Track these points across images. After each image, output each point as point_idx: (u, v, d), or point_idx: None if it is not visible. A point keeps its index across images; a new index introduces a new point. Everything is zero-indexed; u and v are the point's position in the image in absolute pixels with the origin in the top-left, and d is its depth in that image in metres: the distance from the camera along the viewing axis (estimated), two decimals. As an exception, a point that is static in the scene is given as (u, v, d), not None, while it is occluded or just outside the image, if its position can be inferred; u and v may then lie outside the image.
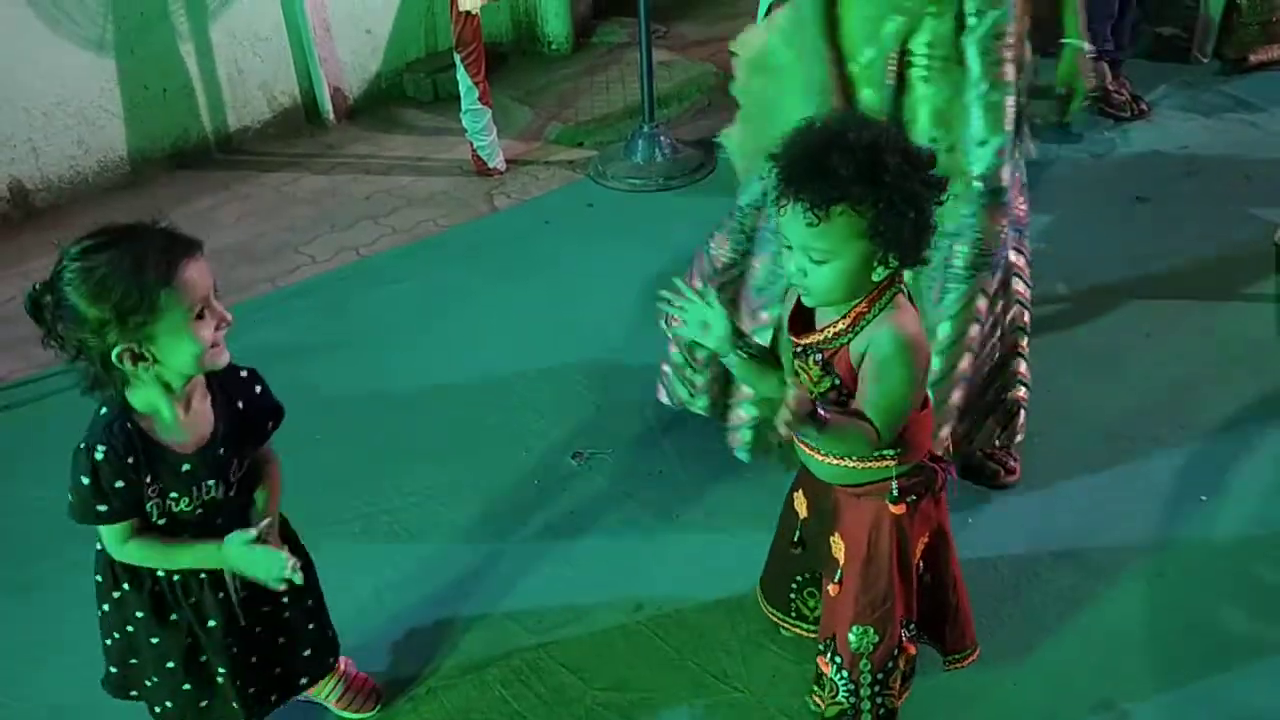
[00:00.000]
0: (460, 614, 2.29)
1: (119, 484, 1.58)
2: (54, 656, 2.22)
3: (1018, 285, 2.34)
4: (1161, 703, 2.05)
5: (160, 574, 1.70)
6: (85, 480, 1.57)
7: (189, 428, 1.63)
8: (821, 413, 1.51)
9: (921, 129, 2.13)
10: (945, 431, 2.25)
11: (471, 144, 4.02)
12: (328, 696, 2.06)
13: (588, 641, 2.22)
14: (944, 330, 2.20)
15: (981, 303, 2.20)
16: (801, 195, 1.50)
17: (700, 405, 2.52)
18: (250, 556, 1.64)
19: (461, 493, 2.59)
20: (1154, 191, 3.68)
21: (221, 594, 1.73)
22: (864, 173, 1.47)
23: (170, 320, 1.50)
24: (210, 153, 4.28)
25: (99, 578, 1.75)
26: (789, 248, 1.57)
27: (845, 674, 1.85)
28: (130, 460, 1.57)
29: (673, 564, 2.38)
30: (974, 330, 2.20)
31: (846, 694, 1.87)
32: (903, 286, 1.62)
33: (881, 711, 1.88)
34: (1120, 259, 3.35)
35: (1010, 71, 2.12)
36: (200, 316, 1.53)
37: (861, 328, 1.59)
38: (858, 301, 1.59)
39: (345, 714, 2.07)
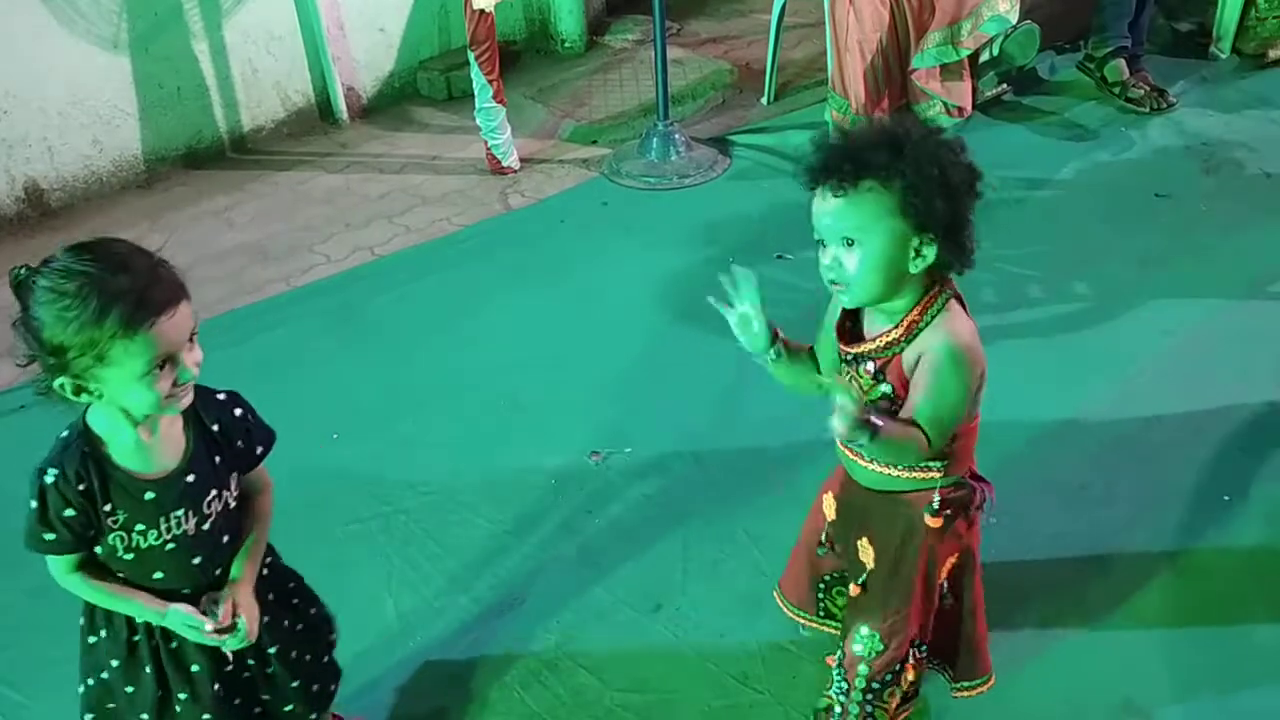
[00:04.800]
0: (477, 614, 2.29)
1: (68, 512, 1.48)
2: (65, 656, 2.22)
3: None
4: (1182, 706, 2.02)
5: (139, 620, 1.61)
6: (34, 504, 1.48)
7: (153, 453, 1.52)
8: (875, 420, 1.46)
9: None
10: None
11: (485, 143, 4.02)
12: None
13: (606, 642, 2.21)
14: None
15: None
16: (828, 173, 1.50)
17: None
18: (197, 636, 1.56)
19: (479, 492, 2.58)
20: (1173, 188, 3.66)
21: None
22: (887, 143, 1.48)
23: (121, 371, 1.39)
24: (224, 152, 4.29)
25: (81, 620, 1.66)
26: (822, 243, 1.56)
27: (842, 672, 1.84)
28: (81, 487, 1.47)
29: (691, 564, 2.37)
30: None
31: (837, 691, 1.85)
32: (956, 292, 1.60)
33: None
34: (1139, 256, 3.32)
35: None
36: (162, 367, 1.41)
37: (915, 335, 1.56)
38: (911, 309, 1.56)
39: None
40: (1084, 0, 4.27)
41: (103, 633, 1.63)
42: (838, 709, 1.88)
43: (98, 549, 1.55)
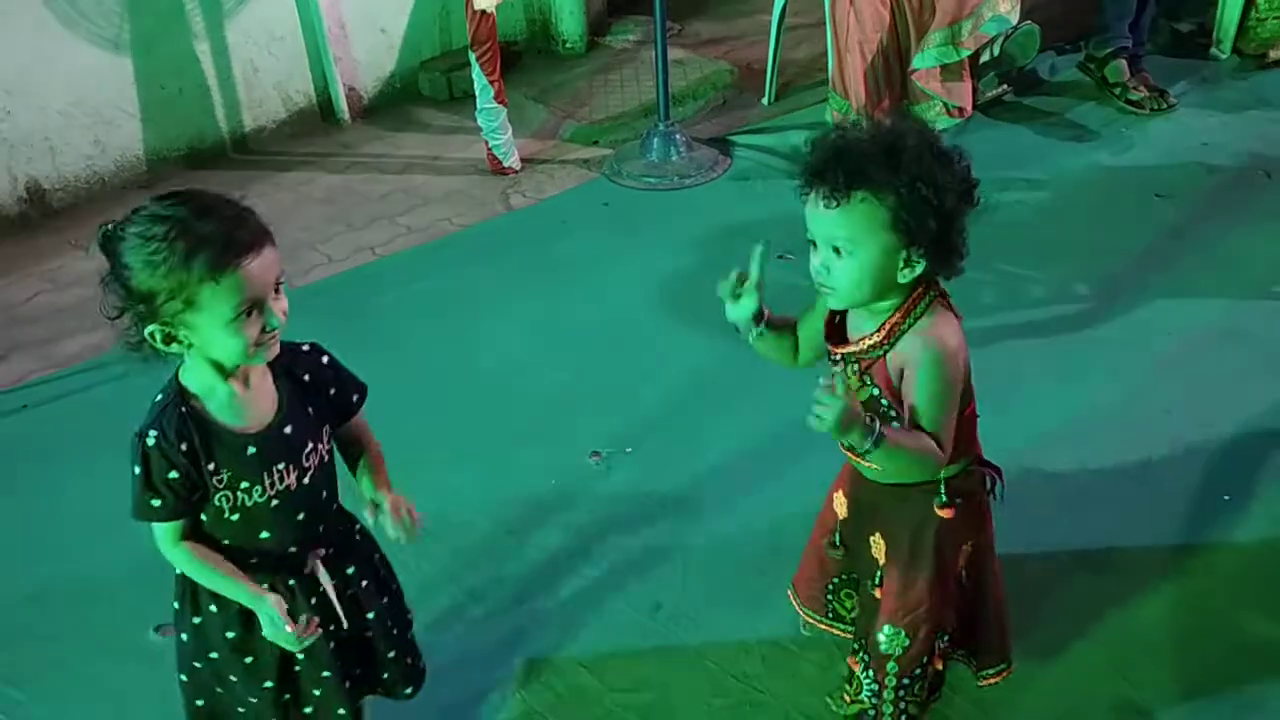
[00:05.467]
0: (478, 613, 2.29)
1: (173, 475, 1.46)
2: (72, 656, 2.23)
3: None
4: (1184, 705, 2.03)
5: (237, 600, 1.59)
6: (137, 470, 1.47)
7: (249, 407, 1.52)
8: (879, 427, 1.47)
9: None
10: None
11: (487, 143, 4.02)
12: None
13: (606, 641, 2.21)
14: None
15: None
16: (822, 179, 1.49)
17: None
18: (275, 634, 1.55)
19: (479, 492, 2.58)
20: (1173, 189, 3.66)
21: (315, 599, 1.64)
22: (882, 155, 1.47)
23: (210, 315, 1.39)
24: (226, 152, 4.29)
25: (176, 604, 1.65)
26: (813, 244, 1.56)
27: (871, 674, 1.84)
28: (184, 447, 1.46)
29: (691, 564, 2.37)
30: None
31: (870, 694, 1.86)
32: (942, 293, 1.60)
33: (903, 718, 1.86)
34: (1140, 256, 3.32)
35: None
36: (249, 314, 1.41)
37: (895, 340, 1.57)
38: (891, 313, 1.57)
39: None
40: (1085, 1, 4.28)
41: (212, 608, 1.61)
42: (871, 711, 1.88)
43: (203, 515, 1.54)
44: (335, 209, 3.91)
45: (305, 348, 1.63)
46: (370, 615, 1.74)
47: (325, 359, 1.64)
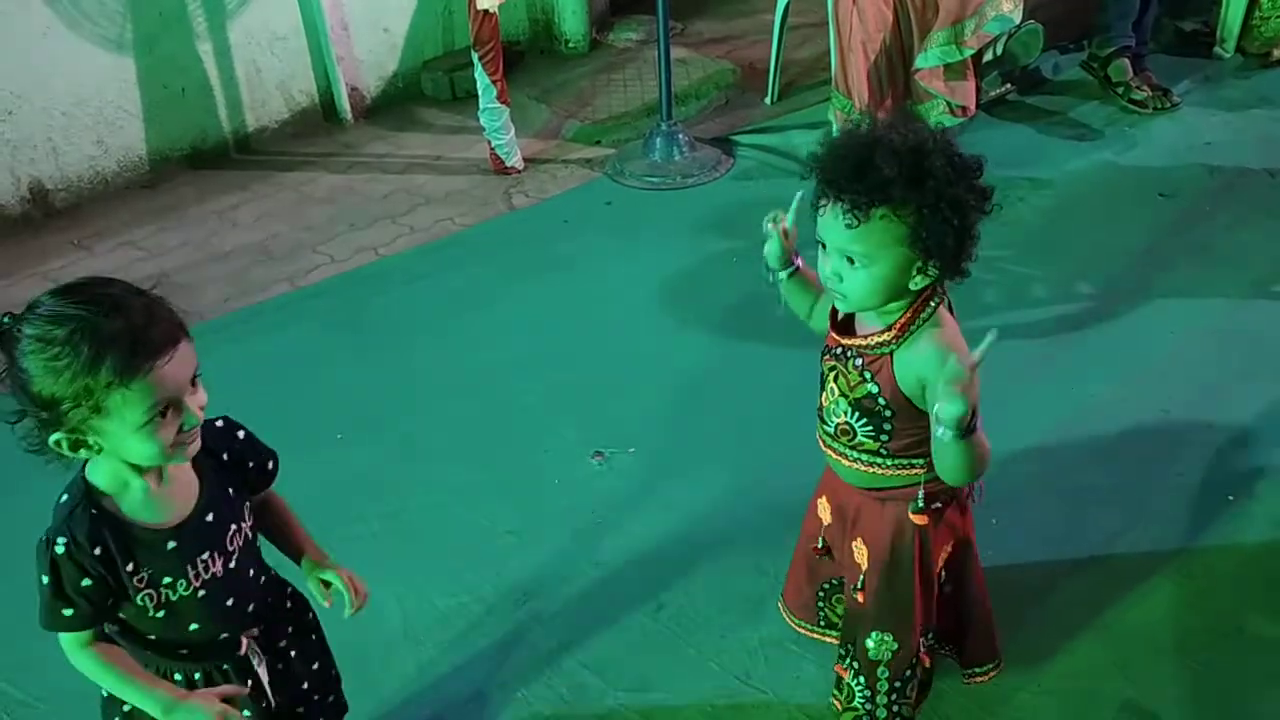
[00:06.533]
0: (479, 613, 2.29)
1: (85, 582, 1.36)
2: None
3: None
4: (1187, 707, 2.02)
5: (179, 676, 1.52)
6: (45, 579, 1.36)
7: (167, 500, 1.41)
8: (977, 419, 1.45)
9: None
10: None
11: (489, 143, 4.02)
12: None
13: (609, 641, 2.21)
14: None
15: None
16: (842, 196, 1.47)
17: None
18: None
19: (481, 493, 2.58)
20: (1177, 188, 3.65)
21: (251, 680, 1.57)
22: (907, 175, 1.44)
23: (120, 422, 1.29)
24: (228, 152, 4.29)
25: (104, 692, 1.54)
26: (824, 248, 1.56)
27: (862, 680, 1.84)
28: (98, 551, 1.35)
29: (695, 564, 2.37)
30: None
31: (863, 700, 1.86)
32: (944, 297, 1.61)
33: None
34: (1143, 256, 3.32)
35: None
36: (164, 414, 1.31)
37: (906, 339, 1.57)
38: (901, 312, 1.57)
39: None
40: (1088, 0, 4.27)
41: (125, 708, 1.53)
42: (864, 717, 1.88)
43: (121, 614, 1.44)
44: (337, 209, 3.91)
45: (219, 423, 1.52)
46: (304, 686, 1.69)
47: (241, 433, 1.54)
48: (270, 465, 1.58)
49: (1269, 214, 3.47)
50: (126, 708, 1.53)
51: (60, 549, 1.35)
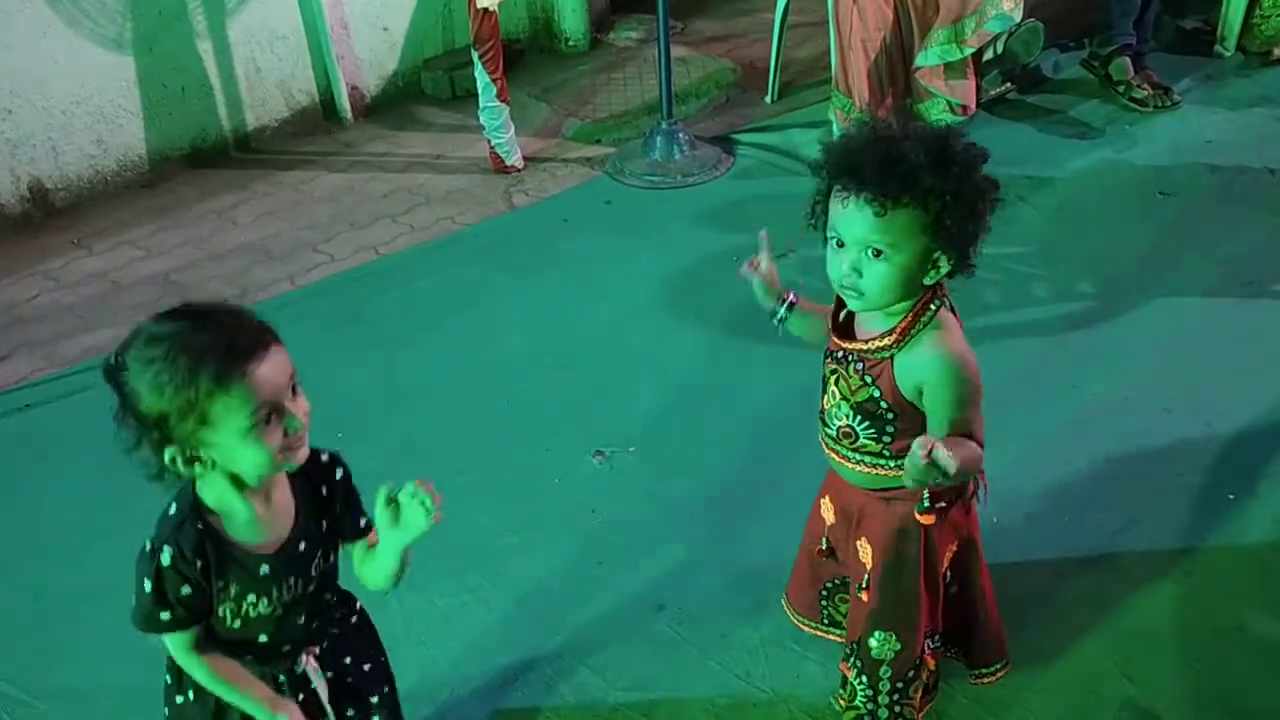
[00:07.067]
0: (480, 612, 2.29)
1: (185, 590, 1.43)
2: (73, 656, 2.24)
3: None
4: (1189, 705, 2.02)
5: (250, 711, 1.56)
6: (148, 585, 1.42)
7: (268, 525, 1.48)
8: (948, 460, 1.43)
9: None
10: None
11: (489, 141, 4.02)
12: None
13: (610, 641, 2.21)
14: None
15: None
16: (869, 185, 1.48)
17: None
18: None
19: (482, 491, 2.58)
20: (1177, 186, 3.65)
21: (303, 695, 1.60)
22: (935, 161, 1.46)
23: (227, 430, 1.34)
24: (228, 151, 4.29)
25: (167, 678, 1.62)
26: (840, 245, 1.55)
27: (865, 679, 1.84)
28: (200, 564, 1.42)
29: (695, 563, 2.37)
30: None
31: (864, 699, 1.86)
32: (946, 299, 1.61)
33: None
34: (1143, 255, 3.32)
35: None
36: (268, 420, 1.36)
37: (907, 342, 1.57)
38: (904, 315, 1.57)
39: None
40: (1088, -2, 4.27)
41: (190, 694, 1.58)
42: (866, 717, 1.88)
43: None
44: (338, 208, 3.91)
45: (325, 457, 1.57)
46: (374, 700, 1.72)
47: (340, 471, 1.59)
48: (362, 523, 1.60)
49: (1269, 212, 3.47)
50: (180, 699, 1.60)
51: (166, 559, 1.41)
